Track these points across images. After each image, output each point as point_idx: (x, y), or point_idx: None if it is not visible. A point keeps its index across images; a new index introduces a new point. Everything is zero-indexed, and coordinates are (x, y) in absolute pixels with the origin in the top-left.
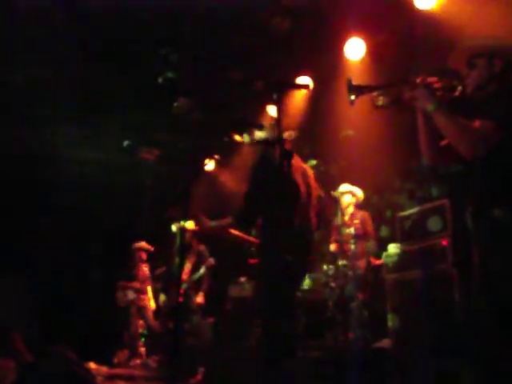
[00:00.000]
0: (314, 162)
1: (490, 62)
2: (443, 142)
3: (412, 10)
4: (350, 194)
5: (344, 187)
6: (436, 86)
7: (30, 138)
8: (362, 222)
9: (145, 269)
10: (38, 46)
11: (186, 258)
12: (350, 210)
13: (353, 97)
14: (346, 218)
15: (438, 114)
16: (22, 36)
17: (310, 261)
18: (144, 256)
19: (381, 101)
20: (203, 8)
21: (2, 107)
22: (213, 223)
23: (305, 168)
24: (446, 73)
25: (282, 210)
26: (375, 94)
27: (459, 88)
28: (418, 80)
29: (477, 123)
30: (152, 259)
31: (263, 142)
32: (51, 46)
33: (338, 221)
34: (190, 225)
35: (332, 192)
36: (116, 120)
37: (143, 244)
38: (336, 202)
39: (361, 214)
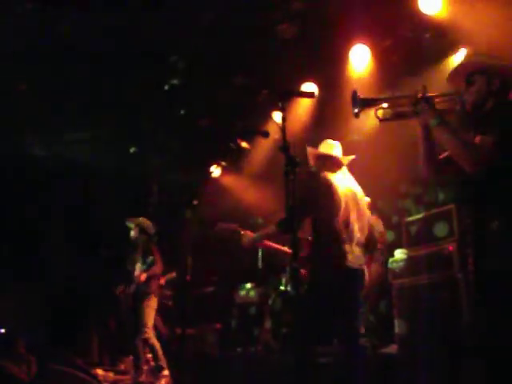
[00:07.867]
0: None
1: (489, 79)
2: (442, 156)
3: (417, 15)
4: None
5: None
6: (437, 100)
7: (39, 142)
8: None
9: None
10: (43, 49)
11: None
12: None
13: (357, 110)
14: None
15: (440, 129)
16: (25, 38)
17: None
18: None
19: (383, 114)
20: (209, 15)
21: (8, 111)
22: (256, 236)
23: None
24: (446, 89)
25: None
26: (378, 106)
27: (458, 106)
28: (419, 95)
29: (477, 139)
30: None
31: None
32: (57, 50)
33: None
34: None
35: None
36: (123, 126)
37: None
38: None
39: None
